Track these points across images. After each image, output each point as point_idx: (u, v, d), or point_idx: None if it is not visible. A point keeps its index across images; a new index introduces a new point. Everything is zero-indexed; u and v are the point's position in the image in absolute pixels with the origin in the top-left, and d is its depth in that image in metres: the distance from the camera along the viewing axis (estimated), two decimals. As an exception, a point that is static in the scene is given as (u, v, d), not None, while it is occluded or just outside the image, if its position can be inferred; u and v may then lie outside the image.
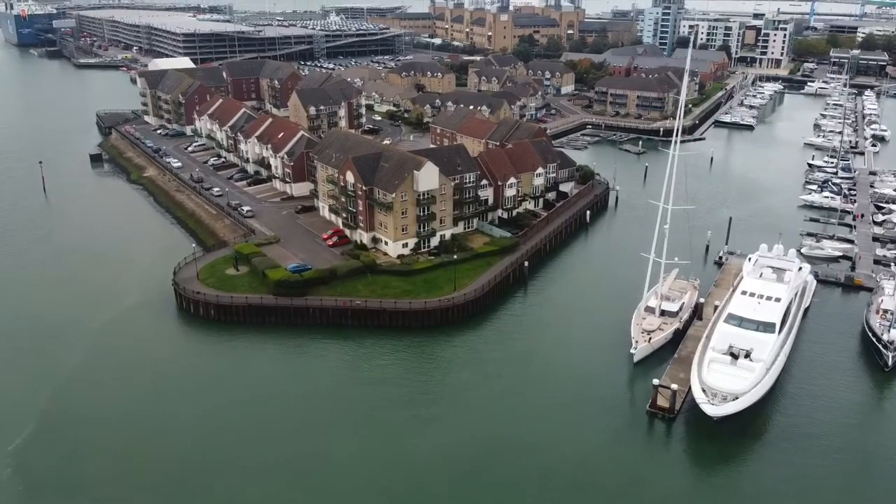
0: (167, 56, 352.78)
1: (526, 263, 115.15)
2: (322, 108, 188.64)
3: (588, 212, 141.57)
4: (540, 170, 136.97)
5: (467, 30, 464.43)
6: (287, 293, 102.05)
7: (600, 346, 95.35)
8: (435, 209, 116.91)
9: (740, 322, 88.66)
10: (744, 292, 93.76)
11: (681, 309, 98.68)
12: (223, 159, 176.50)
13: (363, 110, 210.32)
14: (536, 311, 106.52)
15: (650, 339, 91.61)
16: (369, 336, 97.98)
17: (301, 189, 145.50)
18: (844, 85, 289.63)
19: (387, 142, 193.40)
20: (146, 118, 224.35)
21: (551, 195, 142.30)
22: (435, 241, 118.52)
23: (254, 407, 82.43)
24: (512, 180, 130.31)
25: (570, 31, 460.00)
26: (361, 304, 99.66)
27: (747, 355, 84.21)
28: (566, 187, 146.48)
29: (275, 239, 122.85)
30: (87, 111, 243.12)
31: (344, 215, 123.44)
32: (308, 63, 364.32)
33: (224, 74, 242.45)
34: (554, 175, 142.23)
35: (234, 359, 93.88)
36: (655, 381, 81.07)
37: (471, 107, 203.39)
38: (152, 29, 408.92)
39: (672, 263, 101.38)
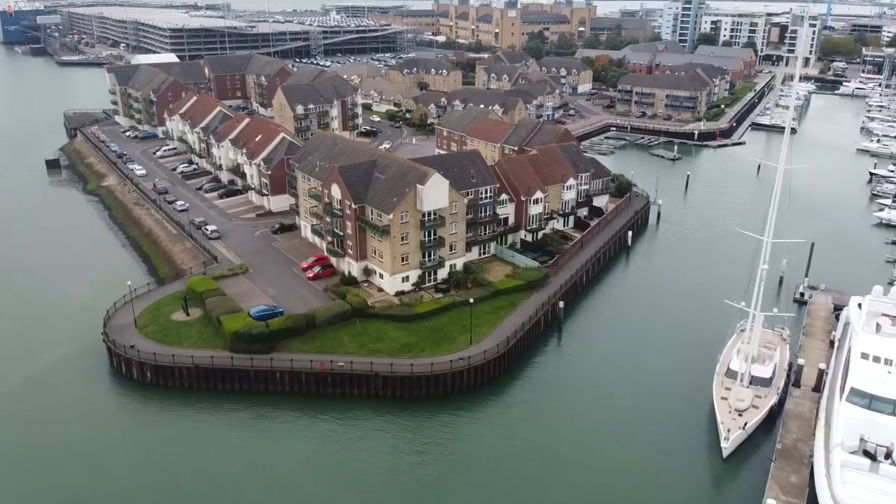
0: (154, 52, 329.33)
1: (561, 304, 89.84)
2: (311, 106, 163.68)
3: (629, 232, 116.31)
4: (571, 181, 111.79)
5: (472, 27, 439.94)
6: (247, 349, 76.99)
7: (669, 428, 70.07)
8: (443, 233, 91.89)
9: (869, 402, 63.34)
10: (864, 355, 68.32)
11: (774, 374, 73.48)
12: (195, 166, 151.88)
13: (359, 110, 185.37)
14: (578, 373, 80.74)
15: (745, 424, 66.27)
16: (356, 410, 72.79)
17: (280, 203, 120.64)
18: (889, 86, 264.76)
19: (385, 146, 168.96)
20: (117, 118, 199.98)
21: (583, 211, 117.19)
22: (443, 273, 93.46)
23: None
24: (538, 194, 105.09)
25: (581, 29, 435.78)
26: (346, 366, 74.43)
27: (889, 455, 59.10)
28: (600, 201, 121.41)
29: (241, 269, 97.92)
30: (57, 111, 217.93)
31: (329, 239, 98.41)
32: (303, 60, 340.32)
33: (206, 70, 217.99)
34: (587, 187, 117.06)
35: (174, 441, 68.83)
36: (771, 503, 55.77)
37: (481, 106, 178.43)
38: (140, 25, 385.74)
39: (771, 316, 76.26)
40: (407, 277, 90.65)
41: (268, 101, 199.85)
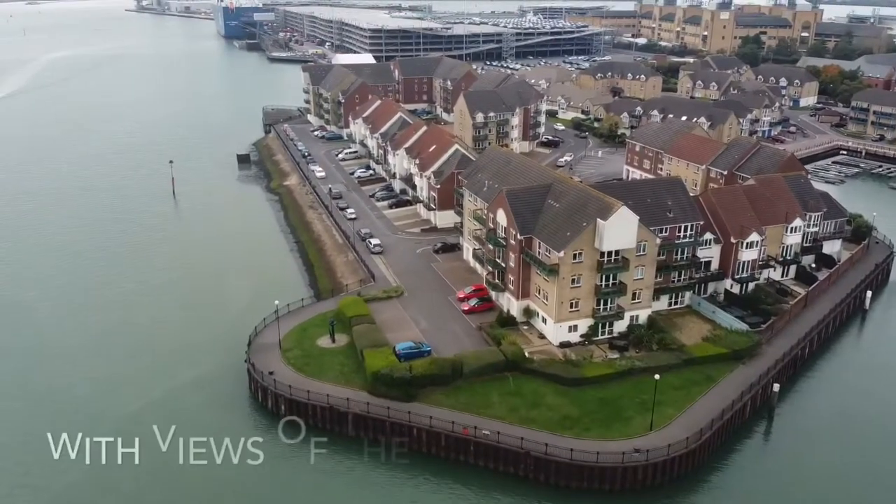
0: (355, 52, 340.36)
1: (776, 387, 70.28)
2: (492, 114, 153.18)
3: (868, 291, 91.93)
4: (797, 221, 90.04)
5: (678, 29, 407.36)
6: (386, 393, 67.48)
7: None
8: (626, 278, 76.08)
9: None
10: None
11: None
12: (371, 171, 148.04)
13: (542, 118, 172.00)
14: (793, 484, 61.30)
15: None
16: (498, 490, 60.15)
17: (446, 219, 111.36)
18: None
19: (566, 158, 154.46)
20: (309, 117, 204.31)
21: (809, 259, 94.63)
22: (621, 326, 77.67)
23: None
24: (754, 236, 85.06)
25: (804, 34, 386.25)
26: (492, 435, 61.96)
27: None
28: (831, 248, 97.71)
29: (396, 292, 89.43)
30: (259, 106, 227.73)
31: (489, 269, 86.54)
32: (494, 63, 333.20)
33: (395, 73, 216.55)
34: (816, 229, 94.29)
35: (291, 490, 61.14)
36: None
37: (683, 118, 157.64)
38: (344, 24, 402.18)
39: None
40: (575, 327, 76.10)
41: (451, 106, 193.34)
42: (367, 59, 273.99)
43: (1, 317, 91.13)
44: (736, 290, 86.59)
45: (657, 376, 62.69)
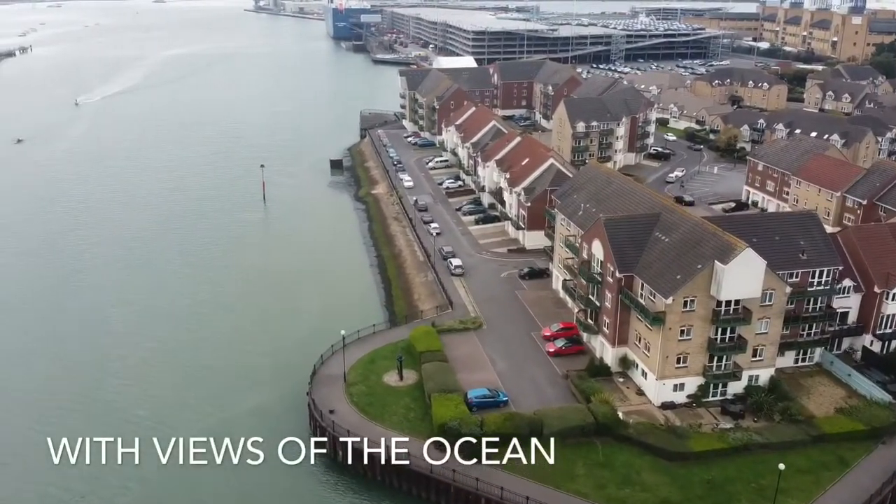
0: (457, 55, 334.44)
1: (927, 481, 57.01)
2: (594, 124, 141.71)
3: None
4: (959, 270, 74.68)
5: (804, 33, 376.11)
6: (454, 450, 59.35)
7: None
8: (746, 332, 64.27)
9: None
10: None
11: None
12: (460, 183, 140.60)
13: (652, 128, 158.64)
14: None
15: None
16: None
17: (536, 240, 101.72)
18: None
19: (676, 174, 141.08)
20: (404, 123, 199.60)
21: (971, 314, 78.61)
22: (737, 388, 65.82)
23: None
24: (903, 287, 70.97)
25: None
26: (571, 518, 52.68)
27: None
28: None
29: (474, 324, 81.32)
30: (359, 109, 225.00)
31: (581, 306, 76.56)
32: (601, 66, 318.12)
33: (494, 77, 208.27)
34: (982, 279, 78.10)
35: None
36: None
37: (812, 134, 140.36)
38: (448, 26, 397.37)
39: None
40: (681, 386, 65.08)
41: (552, 112, 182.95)
42: (468, 62, 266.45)
43: (70, 319, 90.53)
44: (876, 347, 72.42)
45: (782, 466, 50.87)
